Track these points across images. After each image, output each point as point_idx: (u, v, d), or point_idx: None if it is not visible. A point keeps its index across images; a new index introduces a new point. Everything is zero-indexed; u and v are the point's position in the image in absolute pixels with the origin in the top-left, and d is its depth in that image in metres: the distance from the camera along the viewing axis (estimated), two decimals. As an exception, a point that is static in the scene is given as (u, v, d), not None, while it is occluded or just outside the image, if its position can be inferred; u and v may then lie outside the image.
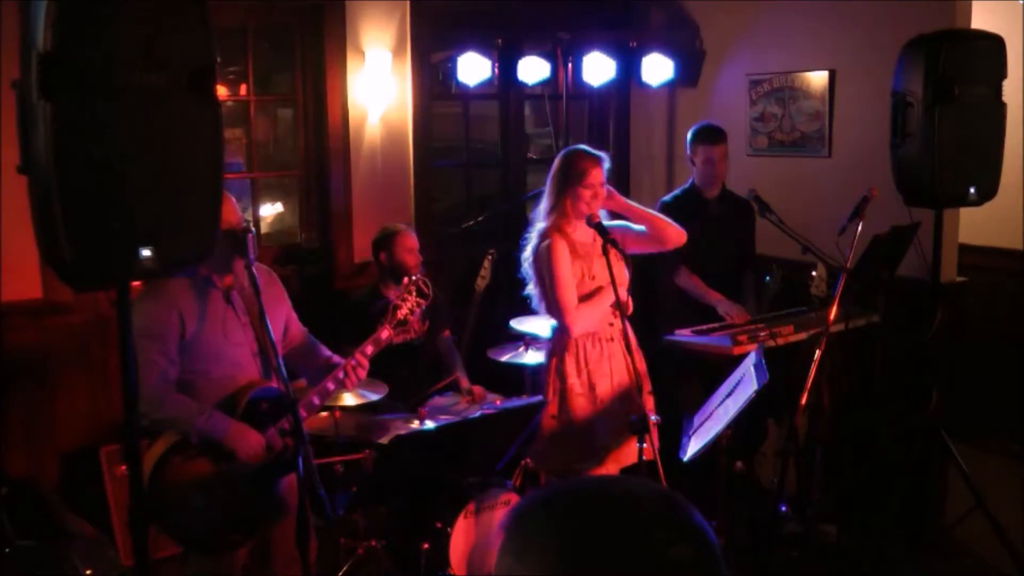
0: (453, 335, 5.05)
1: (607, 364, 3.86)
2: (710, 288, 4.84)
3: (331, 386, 3.46)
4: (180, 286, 3.31)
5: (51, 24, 2.08)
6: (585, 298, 3.81)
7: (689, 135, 5.08)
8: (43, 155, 2.13)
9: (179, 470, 3.24)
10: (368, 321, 3.70)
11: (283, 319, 3.61)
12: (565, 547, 1.07)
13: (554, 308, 3.81)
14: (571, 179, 3.82)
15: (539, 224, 3.94)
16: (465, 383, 4.76)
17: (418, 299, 3.59)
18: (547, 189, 3.95)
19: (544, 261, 3.83)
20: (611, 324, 3.87)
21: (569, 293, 3.78)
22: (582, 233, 3.89)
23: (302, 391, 3.55)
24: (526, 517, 1.13)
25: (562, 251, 3.80)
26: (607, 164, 3.90)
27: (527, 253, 3.94)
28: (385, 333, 3.53)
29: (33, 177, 2.21)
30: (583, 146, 3.99)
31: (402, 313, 3.56)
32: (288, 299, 3.67)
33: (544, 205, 3.94)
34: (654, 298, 5.80)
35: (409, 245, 4.75)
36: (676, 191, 5.13)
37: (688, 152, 5.09)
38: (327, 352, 3.70)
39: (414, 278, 3.63)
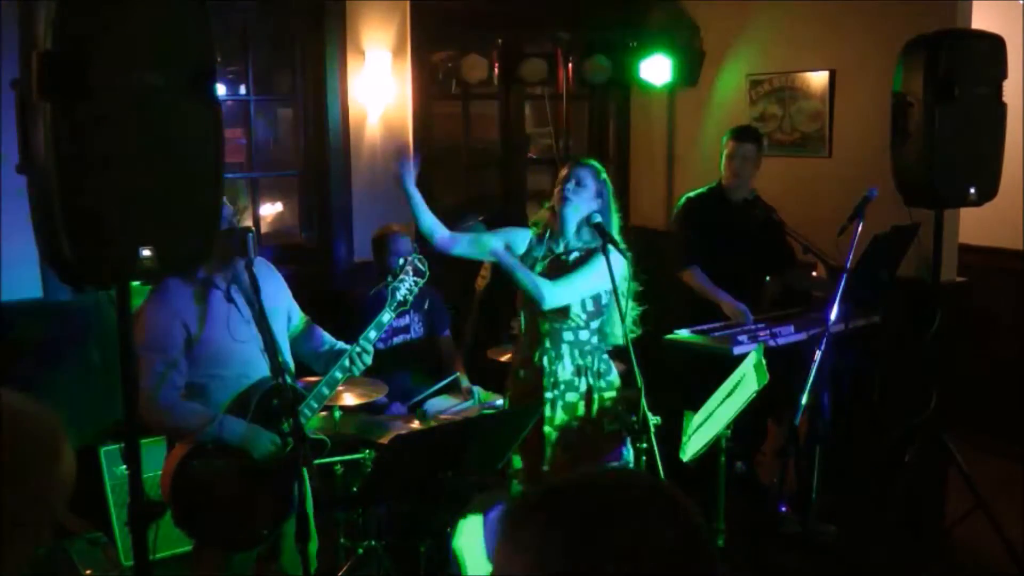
0: (453, 335, 5.05)
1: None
2: (718, 287, 4.83)
3: (339, 375, 3.50)
4: (180, 293, 3.31)
5: (51, 23, 2.08)
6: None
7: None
8: (43, 155, 2.13)
9: (200, 472, 3.27)
10: (371, 316, 3.71)
11: (285, 310, 3.64)
12: (559, 537, 1.09)
13: None
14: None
15: None
16: (466, 383, 4.76)
17: (415, 278, 3.60)
18: None
19: None
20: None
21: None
22: None
23: (310, 384, 3.57)
24: (520, 512, 1.14)
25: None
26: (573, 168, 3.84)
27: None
28: (387, 316, 3.55)
29: (33, 177, 2.21)
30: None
31: (401, 294, 3.58)
32: (288, 289, 3.69)
33: None
34: (655, 299, 5.80)
35: (394, 249, 4.74)
36: (703, 189, 5.11)
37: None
38: (331, 339, 3.73)
39: (410, 257, 3.64)
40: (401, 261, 3.67)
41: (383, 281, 4.76)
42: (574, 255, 3.76)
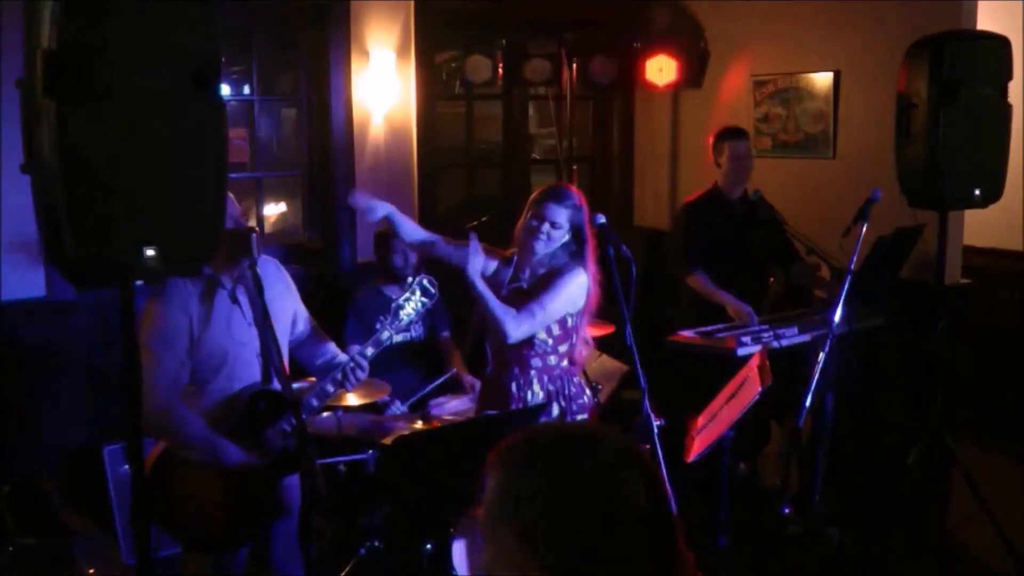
0: (455, 335, 5.05)
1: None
2: (721, 289, 4.83)
3: (330, 388, 3.43)
4: (187, 290, 3.26)
5: (56, 22, 2.08)
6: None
7: (713, 138, 5.08)
8: (47, 154, 2.13)
9: (179, 469, 3.23)
10: (370, 315, 3.69)
11: (291, 312, 3.57)
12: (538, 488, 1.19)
13: None
14: (525, 207, 3.73)
15: None
16: (466, 379, 4.77)
17: (422, 299, 3.56)
18: None
19: None
20: (507, 367, 3.74)
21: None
22: (524, 266, 3.75)
23: (303, 390, 3.54)
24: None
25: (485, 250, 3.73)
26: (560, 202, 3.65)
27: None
28: (385, 334, 3.50)
29: (37, 176, 2.20)
30: (560, 185, 3.90)
31: (405, 313, 3.53)
32: (296, 292, 3.64)
33: None
34: (659, 300, 5.80)
35: (396, 246, 4.75)
36: (701, 192, 5.12)
37: (713, 155, 5.06)
38: (334, 350, 3.68)
39: (419, 278, 3.59)
40: (410, 280, 3.62)
41: (384, 278, 4.78)
42: (535, 279, 3.68)
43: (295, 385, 3.76)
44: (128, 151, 2.22)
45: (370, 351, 3.47)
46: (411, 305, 3.53)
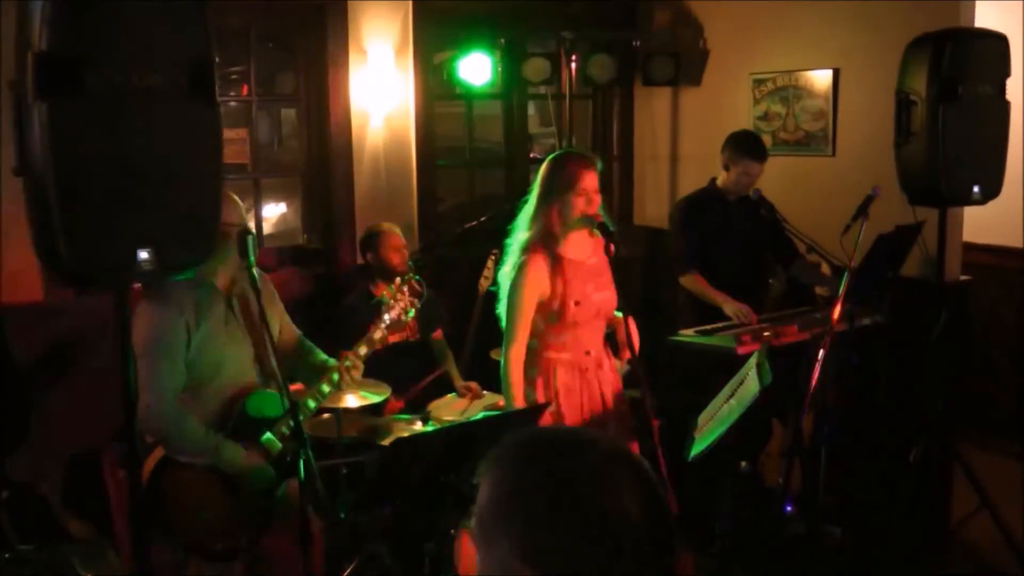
0: (455, 335, 5.04)
1: (578, 396, 3.69)
2: (718, 289, 4.81)
3: (326, 388, 3.42)
4: (184, 292, 3.24)
5: (47, 23, 2.07)
6: (553, 320, 3.63)
7: (731, 142, 4.92)
8: (40, 156, 2.12)
9: (178, 474, 3.22)
10: (362, 322, 3.68)
11: (277, 321, 3.57)
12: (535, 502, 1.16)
13: (505, 332, 3.62)
14: (560, 186, 3.57)
15: (521, 235, 3.65)
16: (458, 381, 4.76)
17: (411, 298, 3.55)
18: (534, 196, 3.69)
19: (514, 280, 3.56)
20: (587, 353, 3.69)
21: (520, 327, 3.57)
22: (573, 248, 3.66)
23: (300, 393, 3.52)
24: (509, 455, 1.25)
25: (534, 274, 3.55)
26: (599, 168, 3.66)
27: (507, 267, 3.65)
28: (378, 334, 3.49)
29: (30, 179, 2.19)
30: (573, 149, 3.90)
31: (395, 313, 3.52)
32: (280, 301, 3.62)
33: (528, 214, 3.66)
34: (659, 299, 5.79)
35: (394, 244, 4.73)
36: (698, 190, 5.08)
37: (724, 155, 4.92)
38: (322, 355, 3.66)
39: (406, 277, 3.60)
40: (398, 280, 3.62)
41: (376, 279, 4.77)
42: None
43: (291, 388, 3.75)
44: (121, 153, 2.22)
45: (363, 350, 3.46)
46: (400, 304, 3.52)
